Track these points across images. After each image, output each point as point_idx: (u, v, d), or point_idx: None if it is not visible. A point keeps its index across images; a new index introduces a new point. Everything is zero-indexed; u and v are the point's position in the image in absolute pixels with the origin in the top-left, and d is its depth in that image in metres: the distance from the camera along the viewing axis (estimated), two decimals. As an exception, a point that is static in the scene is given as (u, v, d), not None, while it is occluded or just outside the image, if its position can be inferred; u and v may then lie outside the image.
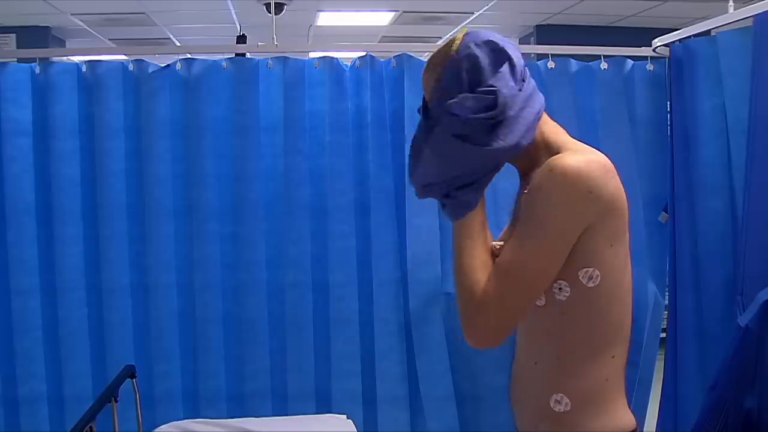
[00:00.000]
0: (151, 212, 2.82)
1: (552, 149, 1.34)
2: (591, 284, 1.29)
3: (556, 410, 1.34)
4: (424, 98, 1.41)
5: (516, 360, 1.46)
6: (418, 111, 1.42)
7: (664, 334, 2.97)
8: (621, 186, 1.31)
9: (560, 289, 1.31)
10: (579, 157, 1.28)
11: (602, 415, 1.33)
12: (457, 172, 1.32)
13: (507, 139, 1.29)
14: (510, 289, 1.28)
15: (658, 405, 2.93)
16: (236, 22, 5.95)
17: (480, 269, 1.31)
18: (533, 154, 1.36)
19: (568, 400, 1.33)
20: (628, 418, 1.36)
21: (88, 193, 2.80)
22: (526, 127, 1.31)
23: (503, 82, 1.30)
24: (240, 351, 2.88)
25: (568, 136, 1.39)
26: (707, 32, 2.83)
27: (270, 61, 2.86)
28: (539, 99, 1.36)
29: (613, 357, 1.34)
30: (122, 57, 3.13)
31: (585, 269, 1.29)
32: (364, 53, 2.92)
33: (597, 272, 1.29)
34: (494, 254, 1.39)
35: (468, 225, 1.35)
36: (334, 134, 2.86)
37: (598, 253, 1.29)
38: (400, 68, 2.88)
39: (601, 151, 1.32)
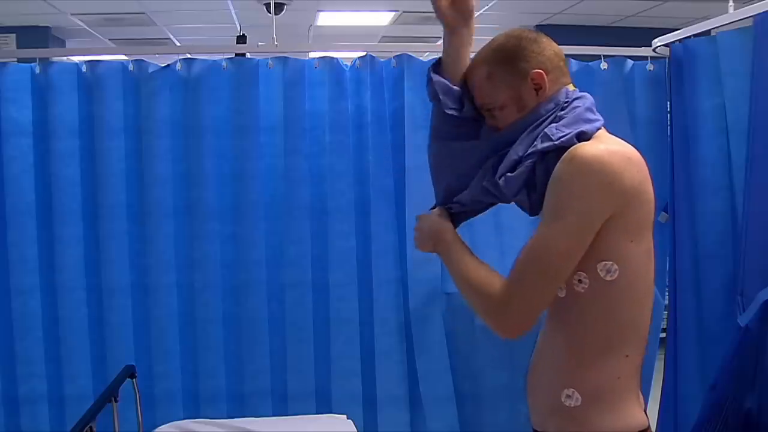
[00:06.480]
0: (151, 212, 2.82)
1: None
2: (609, 278, 1.29)
3: (567, 404, 1.33)
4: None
5: (534, 352, 1.46)
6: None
7: (664, 334, 2.97)
8: (647, 180, 1.32)
9: (579, 280, 1.31)
10: (600, 146, 1.30)
11: (613, 413, 1.32)
12: None
13: None
14: (533, 273, 1.29)
15: (658, 405, 2.93)
16: (236, 22, 5.95)
17: (487, 274, 1.37)
18: None
19: (579, 395, 1.33)
20: (639, 418, 1.35)
21: (88, 193, 2.80)
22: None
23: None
24: (240, 351, 2.87)
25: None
26: (707, 32, 2.83)
27: (270, 61, 2.85)
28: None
29: (627, 356, 1.34)
30: (122, 57, 3.12)
31: (603, 262, 1.29)
32: (364, 53, 2.92)
33: (615, 266, 1.29)
34: None
35: (459, 243, 1.45)
36: (334, 134, 2.86)
37: (618, 247, 1.29)
38: (400, 68, 2.87)
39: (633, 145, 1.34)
